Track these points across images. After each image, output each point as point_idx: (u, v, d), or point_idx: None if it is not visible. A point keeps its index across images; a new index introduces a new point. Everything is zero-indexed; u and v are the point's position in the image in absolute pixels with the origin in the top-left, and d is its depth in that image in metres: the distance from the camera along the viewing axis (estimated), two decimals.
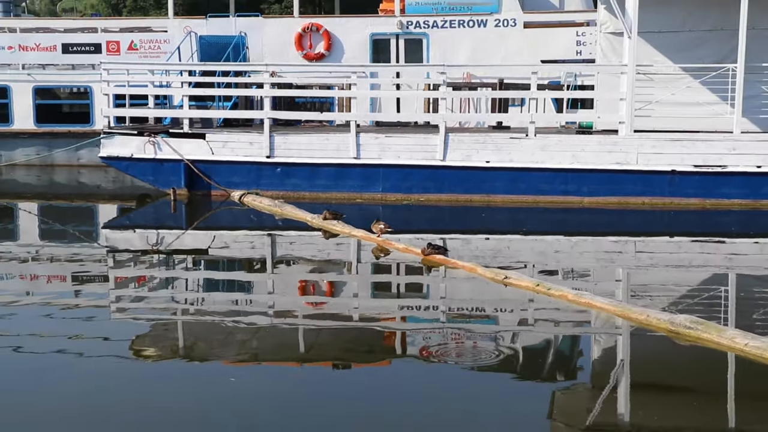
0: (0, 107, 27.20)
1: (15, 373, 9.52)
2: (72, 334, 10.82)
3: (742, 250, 16.48)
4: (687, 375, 9.63)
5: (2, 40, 27.37)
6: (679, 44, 19.71)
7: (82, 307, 12.43)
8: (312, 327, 11.46)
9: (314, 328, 11.39)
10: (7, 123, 26.91)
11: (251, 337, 10.93)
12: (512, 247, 16.67)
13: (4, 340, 10.33)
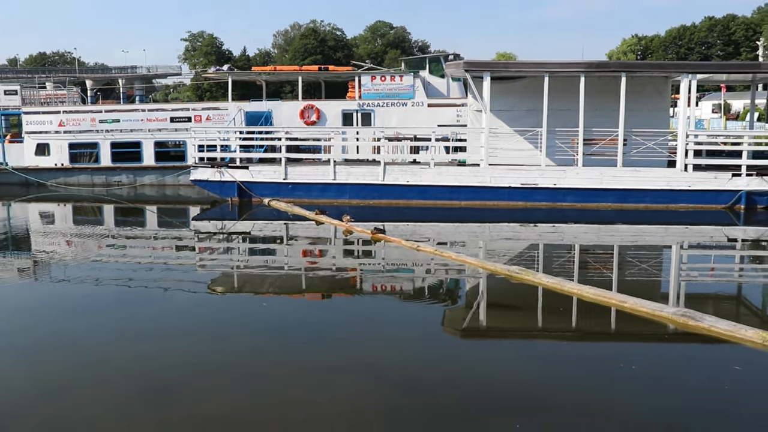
0: (136, 152, 33.23)
1: (137, 294, 14.18)
2: (175, 278, 15.61)
3: (546, 230, 22.66)
4: (517, 299, 13.84)
5: (138, 115, 33.55)
6: (512, 117, 26.36)
7: (181, 263, 17.95)
8: (310, 275, 16.26)
9: (311, 275, 16.19)
10: (140, 161, 33.39)
11: (275, 281, 15.54)
12: (421, 230, 21.95)
13: (136, 281, 15.10)
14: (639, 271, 16.89)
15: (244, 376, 9.52)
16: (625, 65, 31.71)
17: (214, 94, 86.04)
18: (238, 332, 11.66)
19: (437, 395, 8.89)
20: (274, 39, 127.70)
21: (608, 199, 24.90)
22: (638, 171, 24.99)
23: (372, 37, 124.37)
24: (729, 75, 33.62)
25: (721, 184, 24.70)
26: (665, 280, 16.45)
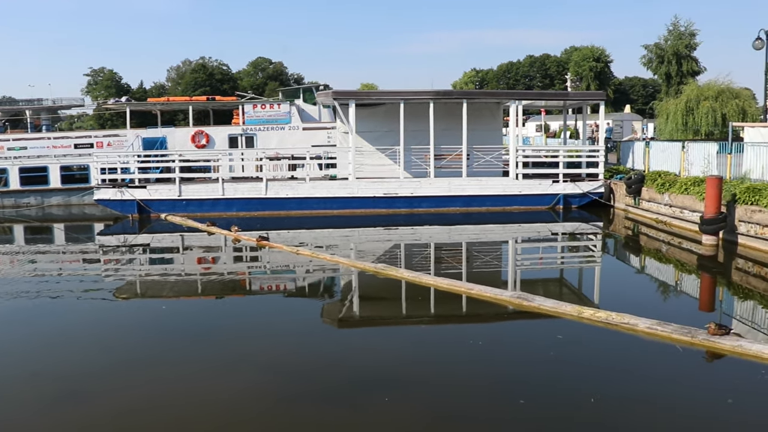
0: (43, 176, 31.31)
1: (46, 304, 13.33)
2: (82, 288, 14.81)
3: (406, 232, 22.88)
4: (384, 292, 13.93)
5: (45, 143, 31.95)
6: (374, 137, 26.56)
7: (87, 273, 17.19)
8: (204, 279, 15.83)
9: (205, 280, 15.77)
10: (47, 184, 31.48)
11: (174, 286, 15.13)
12: (300, 236, 21.70)
13: (44, 291, 14.26)
14: (483, 263, 17.42)
15: (146, 375, 9.19)
16: (466, 93, 32.59)
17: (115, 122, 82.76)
18: (140, 335, 11.32)
19: (321, 379, 8.85)
20: (167, 73, 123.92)
21: (456, 204, 25.51)
22: (480, 180, 25.76)
23: (254, 71, 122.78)
24: (546, 101, 35.45)
25: (544, 189, 25.85)
26: (504, 269, 17.02)
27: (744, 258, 16.51)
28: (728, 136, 21.62)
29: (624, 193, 24.96)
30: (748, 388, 8.41)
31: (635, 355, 9.72)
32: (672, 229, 20.80)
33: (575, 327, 10.88)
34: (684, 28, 71.91)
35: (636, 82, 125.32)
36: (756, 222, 16.83)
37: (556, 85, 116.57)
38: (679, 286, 15.23)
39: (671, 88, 68.14)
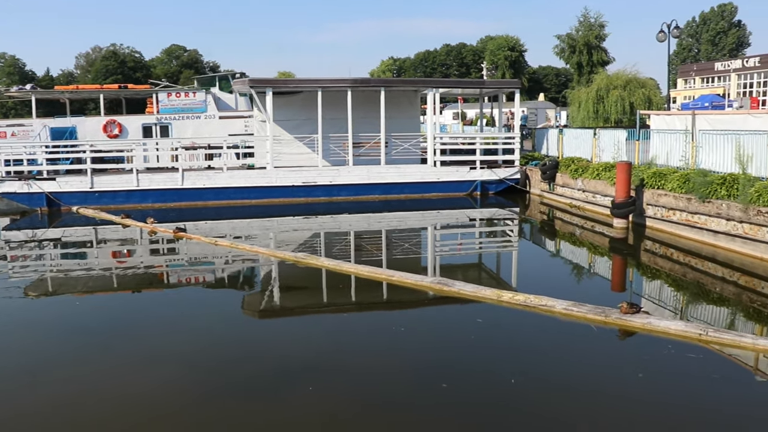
0: None
1: None
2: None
3: (326, 221, 22.76)
4: (305, 281, 13.86)
5: None
6: (292, 126, 26.51)
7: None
8: (119, 273, 15.33)
9: (120, 274, 15.23)
10: None
11: (88, 281, 14.39)
12: (219, 227, 21.30)
13: None
14: (403, 250, 17.53)
15: (59, 374, 8.89)
16: (384, 81, 32.60)
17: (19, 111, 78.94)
18: (52, 332, 10.94)
19: (244, 371, 8.76)
20: (76, 61, 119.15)
21: (375, 192, 25.62)
22: (398, 168, 25.96)
23: (168, 59, 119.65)
24: (463, 89, 35.94)
25: (461, 176, 26.25)
26: (424, 255, 17.25)
27: (651, 240, 17.25)
28: (636, 124, 22.52)
29: (539, 179, 25.65)
30: (656, 362, 8.81)
31: (553, 335, 10.01)
32: (585, 213, 21.52)
33: (495, 310, 11.11)
34: (594, 20, 73.98)
35: (549, 71, 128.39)
36: (662, 205, 17.61)
37: (473, 73, 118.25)
38: (593, 267, 15.79)
39: (583, 77, 70.09)
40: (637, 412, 7.42)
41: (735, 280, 13.46)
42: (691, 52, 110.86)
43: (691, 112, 19.71)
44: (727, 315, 11.55)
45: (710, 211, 15.86)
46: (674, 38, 34.24)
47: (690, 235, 16.50)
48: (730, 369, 8.68)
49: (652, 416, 7.30)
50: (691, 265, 14.78)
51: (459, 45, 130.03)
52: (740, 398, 7.81)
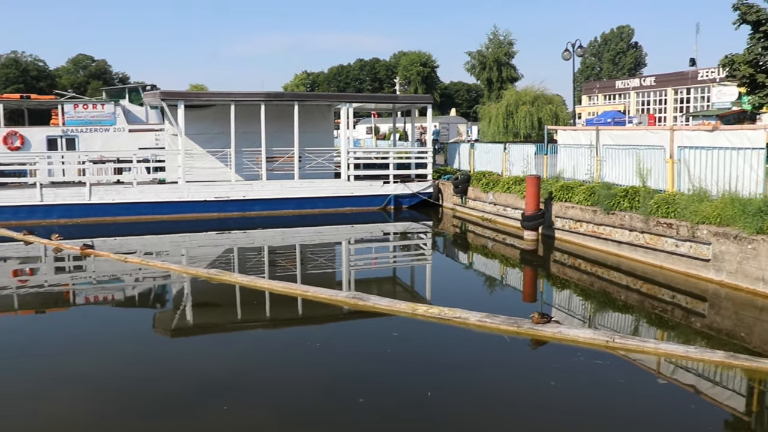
0: None
1: None
2: None
3: (239, 236, 22.40)
4: (219, 297, 13.72)
5: None
6: (205, 140, 26.05)
7: None
8: (22, 293, 14.55)
9: (23, 293, 14.48)
10: None
11: None
12: (128, 243, 20.67)
13: None
14: (318, 265, 17.48)
15: None
16: (297, 95, 32.49)
17: None
18: None
19: (156, 391, 8.50)
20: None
21: (289, 206, 25.33)
22: (312, 182, 25.84)
23: (74, 69, 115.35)
24: (376, 104, 36.22)
25: (375, 190, 26.36)
26: (339, 270, 17.12)
27: (560, 251, 17.79)
28: (544, 139, 23.23)
29: (452, 193, 26.06)
30: (567, 370, 9.04)
31: (467, 347, 10.13)
32: (496, 226, 21.98)
33: (410, 324, 11.14)
34: (503, 38, 76.31)
35: (461, 87, 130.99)
36: (570, 217, 18.19)
37: (386, 88, 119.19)
38: (505, 279, 16.13)
39: (493, 93, 72.04)
40: (550, 419, 7.55)
41: (638, 288, 14.02)
42: (594, 70, 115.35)
43: (595, 127, 20.50)
44: (631, 322, 11.96)
45: (614, 222, 16.50)
46: (578, 57, 35.52)
47: (596, 245, 17.12)
48: (635, 373, 9.00)
49: (564, 423, 7.45)
50: (597, 275, 15.30)
51: (372, 60, 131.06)
52: (644, 401, 8.07)
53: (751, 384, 8.76)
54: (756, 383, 8.74)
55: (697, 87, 62.58)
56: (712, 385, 8.64)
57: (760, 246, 12.54)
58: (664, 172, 16.24)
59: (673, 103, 65.23)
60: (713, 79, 56.58)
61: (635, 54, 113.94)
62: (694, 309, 12.65)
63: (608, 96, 74.00)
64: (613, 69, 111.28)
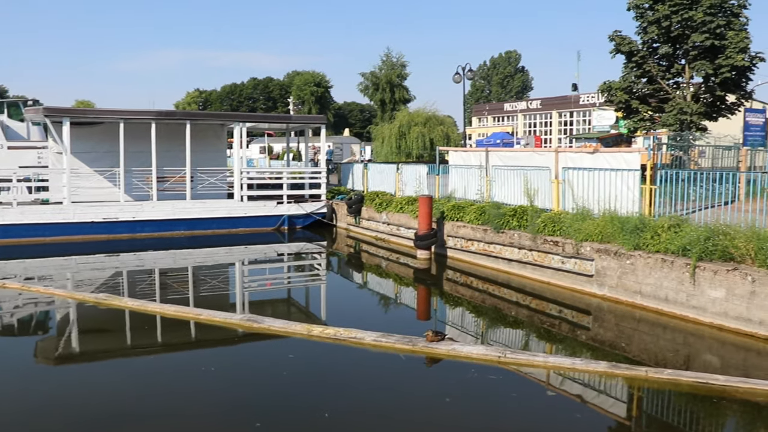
0: None
1: None
2: None
3: (129, 258, 21.37)
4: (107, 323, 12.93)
5: None
6: (92, 159, 25.13)
7: None
8: None
9: None
10: None
11: None
12: (7, 267, 19.37)
13: None
14: (211, 287, 17.06)
15: None
16: (189, 114, 31.92)
17: None
18: None
19: (39, 424, 8.01)
20: None
21: (181, 227, 24.74)
22: (204, 203, 25.34)
23: None
24: (270, 124, 35.90)
25: (269, 210, 26.14)
26: (232, 292, 16.82)
27: (453, 269, 18.18)
28: (436, 159, 23.76)
29: (346, 213, 26.20)
30: (461, 386, 9.22)
31: (363, 367, 10.17)
32: (390, 246, 22.23)
33: (306, 345, 11.08)
34: (396, 59, 77.57)
35: (354, 107, 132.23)
36: (461, 236, 18.65)
37: (279, 107, 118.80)
38: (400, 298, 16.31)
39: (386, 114, 72.98)
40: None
41: (527, 304, 14.52)
42: (483, 93, 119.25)
43: (485, 149, 21.14)
44: (522, 336, 12.38)
45: (504, 240, 17.04)
46: (468, 80, 36.60)
47: (487, 263, 17.62)
48: (526, 386, 9.30)
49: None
50: (489, 292, 15.75)
51: (266, 79, 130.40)
52: (534, 413, 8.37)
53: (631, 391, 9.26)
54: (635, 390, 9.24)
55: (579, 111, 65.71)
56: (597, 394, 9.05)
57: (637, 261, 13.28)
58: (550, 192, 16.95)
59: (558, 125, 68.21)
60: (594, 104, 59.56)
61: (522, 78, 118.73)
62: (579, 322, 13.24)
63: (497, 118, 76.55)
64: (502, 92, 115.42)
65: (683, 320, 12.24)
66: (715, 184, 15.22)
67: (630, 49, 28.03)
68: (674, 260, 12.54)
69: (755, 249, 11.48)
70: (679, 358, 10.59)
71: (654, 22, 27.13)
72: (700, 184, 15.10)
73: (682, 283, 12.36)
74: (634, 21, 28.38)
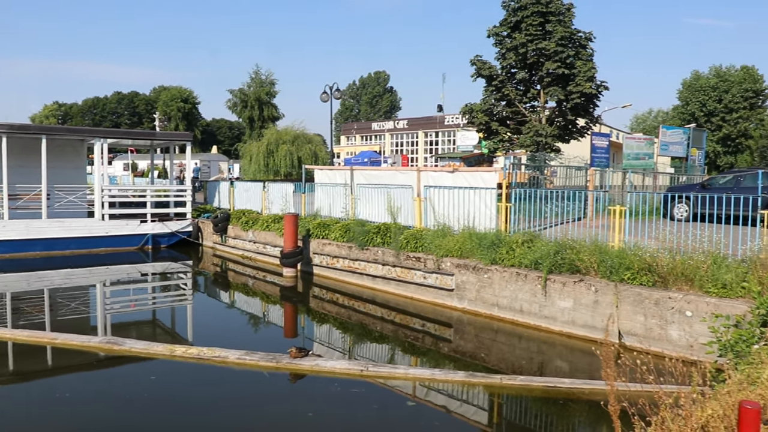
0: None
1: None
2: None
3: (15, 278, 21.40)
4: None
5: None
6: None
7: None
8: None
9: None
10: None
11: None
12: None
13: None
14: (70, 310, 16.29)
15: None
16: (46, 128, 30.35)
17: None
18: None
19: None
20: None
21: (36, 248, 23.50)
22: (62, 222, 24.20)
23: None
24: (134, 140, 34.76)
25: (132, 229, 25.31)
26: (93, 315, 16.15)
27: (319, 286, 18.37)
28: (302, 177, 23.95)
29: (212, 232, 25.85)
30: (325, 400, 9.40)
31: (228, 386, 10.10)
32: (257, 264, 22.14)
33: (169, 366, 10.91)
34: (265, 77, 77.13)
35: (223, 124, 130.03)
36: (327, 253, 18.88)
37: (145, 123, 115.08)
38: (267, 316, 16.28)
39: (254, 132, 72.29)
40: None
41: (392, 319, 14.91)
42: (353, 112, 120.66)
43: (350, 167, 21.52)
44: (387, 351, 12.69)
45: (369, 257, 17.42)
46: (336, 99, 37.06)
47: (353, 280, 17.93)
48: (388, 398, 9.59)
49: None
50: (354, 308, 16.03)
51: (131, 93, 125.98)
52: (395, 424, 8.68)
53: (488, 398, 9.79)
54: (493, 397, 9.79)
55: (444, 131, 67.83)
56: (456, 402, 9.50)
57: (494, 275, 13.99)
58: (413, 209, 17.52)
59: (424, 144, 70.04)
60: (458, 124, 61.72)
61: (391, 98, 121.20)
62: (441, 335, 13.74)
63: (365, 137, 77.66)
64: (371, 111, 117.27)
65: (537, 330, 13.04)
66: (566, 201, 16.32)
67: (490, 73, 29.55)
68: (528, 273, 13.33)
69: (598, 261, 12.41)
70: (533, 366, 11.27)
71: (512, 49, 28.80)
72: (554, 201, 16.15)
73: (535, 294, 13.15)
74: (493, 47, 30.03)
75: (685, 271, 11.38)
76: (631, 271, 11.92)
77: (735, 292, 10.52)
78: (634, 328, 11.56)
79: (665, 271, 11.60)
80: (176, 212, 26.70)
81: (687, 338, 10.74)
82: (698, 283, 11.15)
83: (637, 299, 11.52)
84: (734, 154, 77.25)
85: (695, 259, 11.40)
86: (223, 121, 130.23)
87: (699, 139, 37.29)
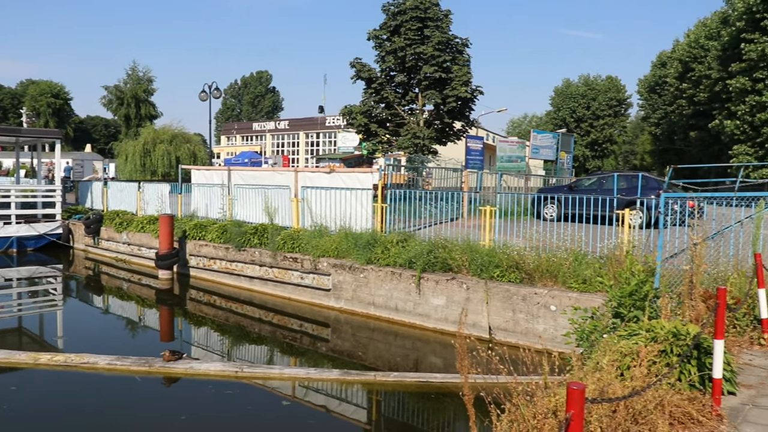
0: None
1: None
2: None
3: None
4: None
5: None
6: None
7: None
8: None
9: None
10: None
11: None
12: None
13: None
14: None
15: None
16: None
17: None
18: None
19: None
20: None
21: None
22: None
23: None
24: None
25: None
26: None
27: (196, 288, 18.08)
28: (179, 178, 23.45)
29: (84, 234, 24.83)
30: (198, 403, 9.36)
31: (97, 392, 9.86)
32: (132, 267, 21.50)
33: (35, 374, 10.49)
34: (142, 74, 74.58)
35: (98, 122, 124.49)
36: (204, 255, 18.61)
37: (11, 119, 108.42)
38: (142, 320, 15.86)
39: (131, 130, 69.76)
40: None
41: (270, 320, 14.93)
42: (234, 112, 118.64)
43: (227, 168, 21.28)
44: (265, 351, 12.74)
45: (246, 258, 17.32)
46: (216, 98, 36.41)
47: (230, 281, 17.77)
48: (263, 398, 9.66)
49: None
50: (232, 310, 15.91)
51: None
52: (269, 423, 8.75)
53: (363, 394, 10.03)
54: (368, 393, 10.04)
55: (325, 132, 67.97)
56: (331, 400, 9.69)
57: (370, 274, 14.26)
58: (290, 210, 17.55)
59: (305, 145, 69.92)
60: (339, 126, 62.03)
61: (273, 98, 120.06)
62: (319, 335, 13.89)
63: (246, 137, 76.59)
64: (253, 111, 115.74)
65: (412, 327, 13.41)
66: (441, 202, 16.83)
67: (369, 75, 29.96)
68: (402, 272, 13.68)
69: (469, 260, 12.92)
70: (408, 362, 11.62)
71: (391, 53, 29.34)
72: (430, 202, 16.62)
73: (409, 293, 13.51)
74: (373, 50, 30.50)
75: (550, 268, 12.06)
76: (500, 268, 12.48)
77: (593, 286, 11.24)
78: (504, 323, 12.12)
79: (531, 268, 12.25)
80: (44, 213, 25.41)
81: (552, 331, 11.38)
82: (561, 279, 11.84)
83: (505, 295, 12.08)
84: (601, 158, 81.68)
85: (558, 257, 12.11)
86: (98, 118, 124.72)
87: (567, 144, 39.41)
